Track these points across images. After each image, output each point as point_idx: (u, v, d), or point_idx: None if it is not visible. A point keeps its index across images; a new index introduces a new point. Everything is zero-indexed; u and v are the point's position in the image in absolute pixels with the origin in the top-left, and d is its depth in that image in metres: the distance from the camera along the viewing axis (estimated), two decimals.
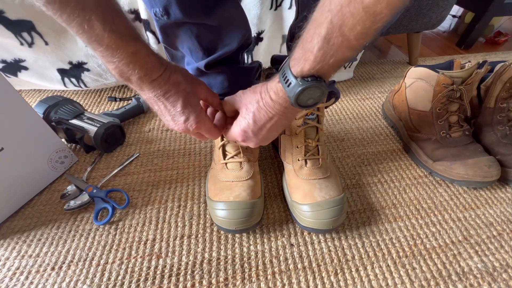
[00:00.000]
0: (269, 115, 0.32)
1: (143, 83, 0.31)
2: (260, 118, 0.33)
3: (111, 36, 0.26)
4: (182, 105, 0.33)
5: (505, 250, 0.45)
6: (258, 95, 0.33)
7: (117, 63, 0.28)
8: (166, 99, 0.32)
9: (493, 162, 0.52)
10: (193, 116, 0.34)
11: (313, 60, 0.26)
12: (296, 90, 0.28)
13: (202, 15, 0.36)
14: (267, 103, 0.32)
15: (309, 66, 0.27)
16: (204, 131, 0.36)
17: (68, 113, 0.59)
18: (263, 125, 0.34)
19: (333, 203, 0.43)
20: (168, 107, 0.33)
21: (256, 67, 0.50)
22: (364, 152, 0.63)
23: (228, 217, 0.42)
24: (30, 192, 0.51)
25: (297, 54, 0.28)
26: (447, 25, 1.37)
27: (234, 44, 0.42)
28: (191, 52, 0.42)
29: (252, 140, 0.36)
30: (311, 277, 0.41)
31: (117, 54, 0.27)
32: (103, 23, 0.25)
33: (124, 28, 0.27)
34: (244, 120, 0.34)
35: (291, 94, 0.29)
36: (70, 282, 0.40)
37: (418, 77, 0.59)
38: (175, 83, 0.32)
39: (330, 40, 0.25)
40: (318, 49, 0.25)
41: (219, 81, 0.45)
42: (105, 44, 0.27)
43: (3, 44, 0.63)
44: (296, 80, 0.28)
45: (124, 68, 0.29)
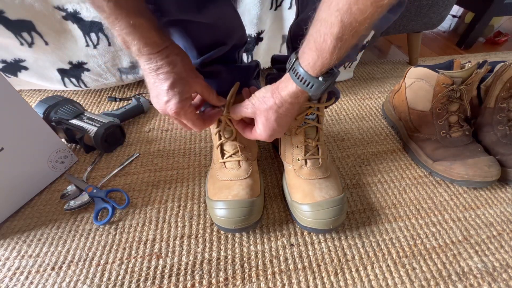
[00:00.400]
0: (290, 114, 0.36)
1: (140, 53, 0.32)
2: (283, 121, 0.37)
3: (110, 6, 0.27)
4: (169, 86, 0.34)
5: (505, 250, 0.45)
6: (274, 105, 0.35)
7: (119, 31, 0.30)
8: (157, 74, 0.33)
9: (493, 162, 0.52)
10: (175, 100, 0.34)
11: (330, 59, 0.28)
12: (322, 89, 0.31)
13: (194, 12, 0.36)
14: (287, 108, 0.35)
15: (327, 65, 0.29)
16: (184, 120, 0.37)
17: (68, 113, 0.59)
18: (286, 122, 0.38)
19: (333, 203, 0.43)
20: (156, 83, 0.34)
21: (253, 66, 0.50)
22: (364, 152, 0.63)
23: (227, 216, 0.42)
24: (30, 192, 0.51)
25: (311, 57, 0.29)
26: (447, 25, 1.37)
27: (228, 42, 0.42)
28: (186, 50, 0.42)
29: (279, 134, 0.39)
30: (311, 277, 0.41)
31: (117, 23, 0.29)
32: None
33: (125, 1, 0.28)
34: (268, 128, 0.37)
35: (316, 92, 0.32)
36: (70, 282, 0.40)
37: (418, 77, 0.59)
38: (170, 62, 0.33)
39: (343, 37, 0.26)
40: (333, 48, 0.27)
41: (215, 79, 0.45)
42: (106, 12, 0.28)
43: (3, 44, 0.63)
44: (318, 80, 0.30)
45: (125, 37, 0.30)
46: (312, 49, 0.29)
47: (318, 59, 0.29)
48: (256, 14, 0.68)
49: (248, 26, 0.70)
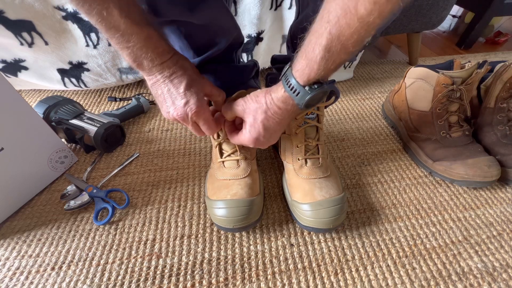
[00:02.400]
0: (277, 121, 0.35)
1: (153, 65, 0.33)
2: (270, 125, 0.36)
3: (127, 22, 0.29)
4: (185, 87, 0.35)
5: (505, 250, 0.45)
6: (264, 105, 0.35)
7: (132, 48, 0.31)
8: (171, 80, 0.34)
9: (493, 162, 0.52)
10: (193, 100, 0.35)
11: (317, 69, 0.29)
12: (306, 97, 0.31)
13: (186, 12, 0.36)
14: (275, 112, 0.34)
15: (314, 74, 0.29)
16: (202, 121, 0.38)
17: (68, 113, 0.59)
18: (274, 130, 0.36)
19: (333, 202, 0.43)
20: (172, 90, 0.35)
21: (251, 65, 0.50)
22: (364, 152, 0.63)
23: (226, 215, 0.42)
24: (30, 192, 0.51)
25: (301, 64, 0.30)
26: (447, 25, 1.37)
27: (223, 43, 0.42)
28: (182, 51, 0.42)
29: (264, 143, 0.38)
30: (311, 277, 0.41)
31: (132, 38, 0.30)
32: (119, 10, 0.28)
33: (137, 15, 0.30)
34: (254, 129, 0.36)
35: (301, 101, 0.32)
36: (70, 282, 0.40)
37: (418, 77, 0.59)
38: (182, 66, 0.35)
39: (330, 49, 0.27)
40: (320, 58, 0.28)
41: (212, 79, 0.46)
42: (121, 29, 0.29)
43: (3, 44, 0.63)
44: (304, 89, 0.31)
45: (138, 52, 0.31)
46: (302, 57, 0.30)
47: (306, 67, 0.29)
48: (256, 14, 0.68)
49: (248, 26, 0.70)
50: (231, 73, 0.47)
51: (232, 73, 0.47)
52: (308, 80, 0.30)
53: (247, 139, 0.37)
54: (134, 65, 0.33)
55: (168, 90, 0.35)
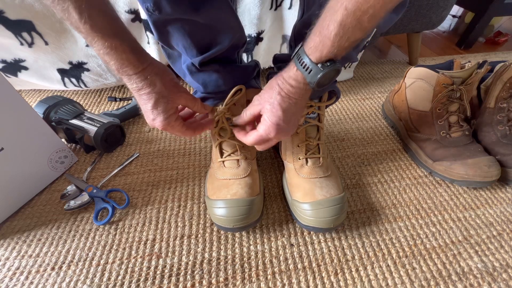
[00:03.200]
0: (294, 101, 0.34)
1: (119, 74, 0.33)
2: (288, 107, 0.35)
3: (86, 28, 0.28)
4: (152, 106, 0.35)
5: (505, 250, 0.45)
6: (277, 87, 0.34)
7: (97, 51, 0.31)
8: (139, 95, 0.35)
9: (493, 162, 0.52)
10: (160, 118, 0.36)
11: (330, 46, 0.29)
12: (318, 75, 0.30)
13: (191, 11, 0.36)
14: (289, 91, 0.34)
15: (327, 52, 0.29)
16: (173, 133, 0.39)
17: (68, 113, 0.59)
18: (292, 113, 0.35)
19: (333, 202, 0.43)
20: (141, 103, 0.36)
21: (252, 66, 0.50)
22: (364, 152, 0.63)
23: (225, 215, 0.42)
24: (30, 192, 0.51)
25: (314, 41, 0.30)
26: (447, 25, 1.37)
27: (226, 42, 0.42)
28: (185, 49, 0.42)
29: (285, 130, 0.36)
30: (311, 277, 0.41)
31: (94, 43, 0.30)
32: (79, 14, 0.27)
33: (101, 22, 0.29)
34: (272, 114, 0.35)
35: (313, 79, 0.31)
36: (70, 282, 0.40)
37: (418, 77, 0.59)
38: (150, 83, 0.34)
39: (345, 25, 0.27)
40: (335, 35, 0.28)
41: (214, 79, 0.46)
42: (83, 33, 0.29)
43: (3, 44, 0.63)
44: (316, 66, 0.30)
45: (103, 57, 0.31)
46: (316, 34, 0.29)
47: (320, 44, 0.29)
48: (256, 14, 0.68)
49: (248, 26, 0.70)
50: (233, 73, 0.47)
51: (234, 73, 0.47)
52: (321, 57, 0.30)
53: (267, 127, 0.36)
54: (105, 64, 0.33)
55: (139, 101, 0.36)
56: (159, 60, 0.72)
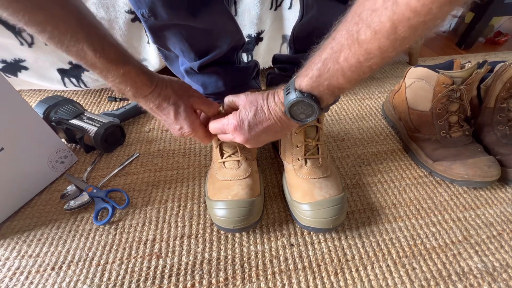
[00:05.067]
0: (268, 117, 0.35)
1: (136, 98, 0.35)
2: (260, 116, 0.35)
3: (102, 62, 0.30)
4: (174, 117, 0.37)
5: (505, 250, 0.45)
6: (264, 96, 0.35)
7: (112, 82, 0.33)
8: (160, 111, 0.36)
9: (493, 162, 0.52)
10: (186, 125, 0.37)
11: (310, 77, 0.30)
12: (290, 99, 0.31)
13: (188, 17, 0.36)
14: (270, 105, 0.34)
15: (306, 82, 0.30)
16: (197, 137, 0.40)
17: (68, 113, 0.59)
18: (261, 122, 0.35)
19: (333, 202, 0.43)
20: (163, 118, 0.37)
21: (252, 66, 0.50)
22: (364, 152, 0.63)
23: (226, 216, 0.42)
24: (30, 192, 0.51)
25: (302, 70, 0.31)
26: (447, 25, 1.37)
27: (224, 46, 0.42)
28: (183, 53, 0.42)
29: (243, 133, 0.36)
30: (311, 277, 0.41)
31: (110, 75, 0.32)
32: (93, 51, 0.29)
33: (113, 53, 0.31)
34: (245, 111, 0.35)
35: (286, 101, 0.32)
36: (70, 282, 0.40)
37: (418, 77, 0.59)
38: (165, 97, 0.36)
39: (327, 63, 0.28)
40: (316, 69, 0.29)
41: (213, 80, 0.46)
42: (99, 68, 0.31)
43: (3, 44, 0.63)
44: (294, 91, 0.31)
45: (119, 86, 0.33)
46: (306, 64, 0.31)
47: (304, 73, 0.30)
48: (256, 14, 0.68)
49: (248, 26, 0.70)
50: (233, 74, 0.47)
51: (234, 74, 0.47)
52: (300, 85, 0.31)
53: (232, 118, 0.36)
54: (120, 94, 0.34)
55: (161, 118, 0.38)
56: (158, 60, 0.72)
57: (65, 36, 0.28)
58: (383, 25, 0.22)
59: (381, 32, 0.23)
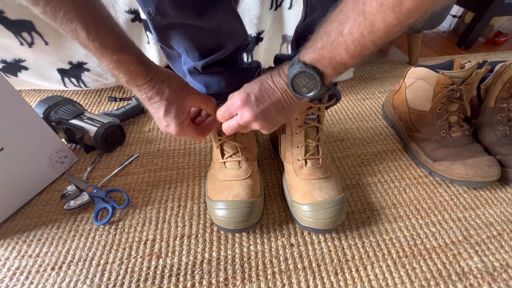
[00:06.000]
0: (273, 89, 0.35)
1: (129, 86, 0.34)
2: (266, 88, 0.35)
3: (95, 45, 0.29)
4: (164, 113, 0.36)
5: (505, 250, 0.45)
6: (268, 74, 0.36)
7: (106, 66, 0.32)
8: (150, 104, 0.35)
9: (493, 162, 0.52)
10: (173, 124, 0.36)
11: (313, 49, 0.30)
12: (293, 70, 0.31)
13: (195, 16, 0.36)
14: (274, 78, 0.35)
15: (310, 54, 0.30)
16: (185, 137, 0.39)
17: (68, 113, 0.59)
18: (267, 95, 0.35)
19: (333, 203, 0.43)
20: (153, 111, 0.36)
21: (254, 67, 0.50)
22: (364, 152, 0.63)
23: (227, 216, 0.42)
24: (30, 192, 0.51)
25: (308, 43, 0.31)
26: (447, 25, 1.37)
27: (230, 46, 0.42)
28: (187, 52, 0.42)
29: (251, 107, 0.34)
30: (311, 277, 0.41)
31: (103, 59, 0.31)
32: (87, 33, 0.28)
33: (108, 38, 0.30)
34: (249, 86, 0.35)
35: (290, 73, 0.32)
36: (70, 282, 0.40)
37: (418, 77, 0.59)
38: (158, 92, 0.35)
39: (331, 35, 0.28)
40: (320, 41, 0.29)
41: (217, 81, 0.45)
42: (92, 50, 0.30)
43: (3, 44, 0.63)
44: (298, 62, 0.31)
45: (113, 71, 0.32)
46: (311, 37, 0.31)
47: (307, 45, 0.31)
48: (256, 14, 0.68)
49: (248, 26, 0.70)
50: (236, 75, 0.47)
51: (237, 75, 0.47)
52: (303, 57, 0.31)
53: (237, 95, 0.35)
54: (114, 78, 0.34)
55: (150, 110, 0.37)
56: (159, 60, 0.72)
57: (58, 13, 0.27)
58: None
59: (387, 3, 0.23)
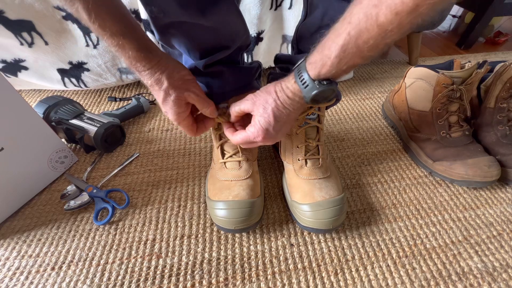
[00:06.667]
0: (287, 112, 0.35)
1: (132, 69, 0.35)
2: (280, 115, 0.35)
3: (95, 28, 0.30)
4: (162, 101, 0.37)
5: (505, 250, 0.45)
6: (274, 94, 0.35)
7: (110, 47, 0.32)
8: (152, 89, 0.36)
9: (493, 162, 0.52)
10: (170, 113, 0.37)
11: (330, 66, 0.29)
12: (313, 92, 0.31)
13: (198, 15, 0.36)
14: (285, 101, 0.34)
15: (326, 71, 0.30)
16: (181, 127, 0.40)
17: (68, 113, 0.59)
18: (284, 122, 0.36)
19: (333, 203, 0.43)
20: (155, 95, 0.37)
21: (255, 67, 0.50)
22: (364, 152, 0.63)
23: (227, 216, 0.42)
24: (30, 192, 0.51)
25: (315, 58, 0.30)
26: (447, 25, 1.37)
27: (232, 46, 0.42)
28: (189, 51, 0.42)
29: (273, 137, 0.37)
30: (311, 277, 0.41)
31: (105, 41, 0.31)
32: (88, 15, 0.29)
33: (110, 22, 0.30)
34: (264, 120, 0.35)
35: (308, 94, 0.32)
36: (70, 282, 0.40)
37: (418, 77, 0.59)
38: (157, 81, 0.35)
39: (346, 50, 0.28)
40: (335, 57, 0.28)
41: (218, 80, 0.45)
42: (94, 31, 0.31)
43: (3, 44, 0.63)
44: (313, 82, 0.31)
45: (115, 53, 0.33)
46: (318, 52, 0.30)
47: (320, 62, 0.30)
48: (256, 14, 0.68)
49: (248, 26, 0.70)
50: (237, 74, 0.46)
51: (238, 75, 0.47)
52: (319, 75, 0.30)
53: (256, 130, 0.36)
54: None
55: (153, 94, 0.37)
56: None
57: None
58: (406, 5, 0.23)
59: (403, 12, 0.23)
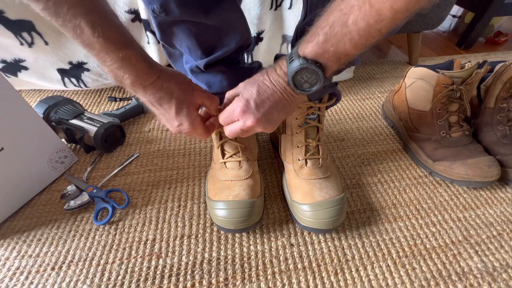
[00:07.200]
0: (272, 90, 0.33)
1: (135, 87, 0.32)
2: (264, 91, 0.33)
3: (100, 42, 0.28)
4: (176, 112, 0.35)
5: (505, 250, 0.45)
6: (264, 72, 0.34)
7: (110, 67, 0.30)
8: (160, 105, 0.34)
9: (493, 162, 0.52)
10: (186, 123, 0.36)
11: (315, 43, 0.28)
12: (294, 66, 0.29)
13: (200, 14, 0.36)
14: (272, 77, 0.33)
15: (311, 48, 0.29)
16: (196, 135, 0.39)
17: (68, 113, 0.59)
18: (267, 98, 0.33)
19: (333, 203, 0.43)
20: (163, 112, 0.35)
21: (256, 67, 0.50)
22: (364, 152, 0.63)
23: (227, 216, 0.42)
24: (30, 192, 0.51)
25: (306, 36, 0.30)
26: (447, 25, 1.37)
27: (233, 45, 0.42)
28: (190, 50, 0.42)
29: (252, 113, 0.34)
30: (311, 277, 0.41)
31: (108, 58, 0.29)
32: (92, 29, 0.27)
33: (114, 34, 0.29)
34: (247, 91, 0.34)
35: (290, 70, 0.30)
36: (70, 282, 0.40)
37: (418, 77, 0.59)
38: (168, 91, 0.34)
39: (334, 27, 0.26)
40: (322, 34, 0.27)
41: (218, 80, 0.45)
42: (96, 48, 0.29)
43: (3, 44, 0.63)
44: (298, 58, 0.29)
45: (117, 72, 0.31)
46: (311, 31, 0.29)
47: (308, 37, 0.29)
48: (256, 14, 0.68)
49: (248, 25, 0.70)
50: (238, 74, 0.46)
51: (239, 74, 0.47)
52: (304, 52, 0.29)
53: (237, 100, 0.34)
54: (117, 82, 0.32)
55: (159, 112, 0.36)
56: (159, 60, 0.72)
57: (61, 8, 0.26)
58: None
59: None
